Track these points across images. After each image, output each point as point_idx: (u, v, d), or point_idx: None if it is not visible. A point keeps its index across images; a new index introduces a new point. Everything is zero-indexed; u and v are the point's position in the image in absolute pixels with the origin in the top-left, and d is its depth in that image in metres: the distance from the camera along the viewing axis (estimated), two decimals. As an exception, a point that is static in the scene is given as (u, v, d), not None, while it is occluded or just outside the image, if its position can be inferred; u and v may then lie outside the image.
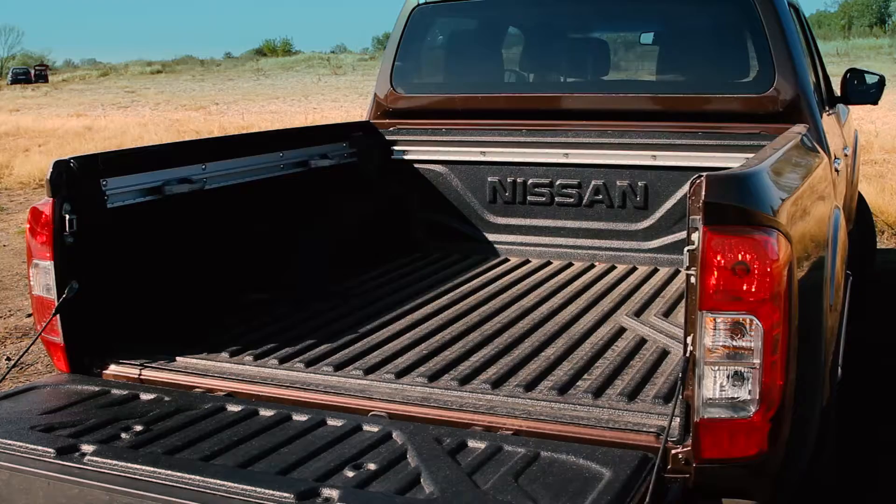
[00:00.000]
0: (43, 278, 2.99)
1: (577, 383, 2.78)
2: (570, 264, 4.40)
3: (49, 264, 2.95)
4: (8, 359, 5.74)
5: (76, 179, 3.00)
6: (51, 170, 2.95)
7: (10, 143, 20.79)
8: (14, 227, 10.81)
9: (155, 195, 3.33)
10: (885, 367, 5.32)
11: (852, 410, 4.27)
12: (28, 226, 3.02)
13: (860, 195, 6.34)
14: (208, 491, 2.16)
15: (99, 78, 61.77)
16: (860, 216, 6.10)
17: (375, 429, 2.49)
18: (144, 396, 2.77)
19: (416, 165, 4.74)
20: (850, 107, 5.89)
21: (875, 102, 5.28)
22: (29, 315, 6.77)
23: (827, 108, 4.66)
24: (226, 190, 3.69)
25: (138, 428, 2.51)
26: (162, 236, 3.40)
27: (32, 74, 64.68)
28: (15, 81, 61.48)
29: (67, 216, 2.95)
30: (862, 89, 5.22)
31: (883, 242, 8.62)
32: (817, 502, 2.80)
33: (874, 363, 5.36)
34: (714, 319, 2.22)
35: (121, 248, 3.20)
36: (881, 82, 5.26)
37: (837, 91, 5.29)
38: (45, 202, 2.97)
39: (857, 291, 4.93)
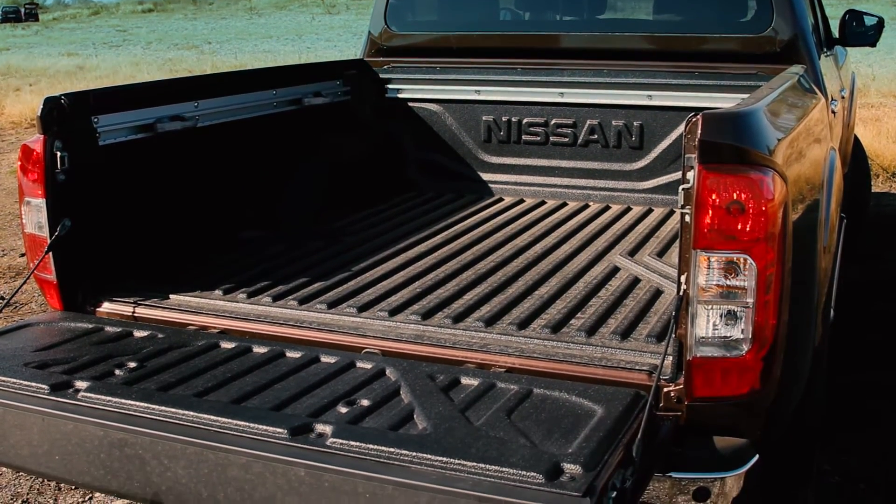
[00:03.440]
0: (35, 216, 2.96)
1: (571, 322, 2.79)
2: (565, 204, 4.39)
3: (41, 202, 2.93)
4: (1, 297, 5.74)
5: (67, 116, 2.96)
6: (42, 106, 2.91)
7: (1, 82, 20.60)
8: (6, 166, 10.74)
9: (147, 132, 3.30)
10: (877, 311, 5.34)
11: (843, 353, 4.30)
12: (19, 164, 2.99)
13: (856, 138, 6.32)
14: (202, 426, 2.17)
15: (90, 17, 61.02)
16: (855, 159, 6.09)
17: (369, 366, 2.50)
18: (138, 333, 2.77)
19: (410, 104, 4.71)
20: (848, 49, 5.84)
21: (873, 45, 5.24)
22: (22, 255, 6.76)
23: (825, 50, 4.62)
24: (218, 127, 3.66)
25: (132, 365, 2.52)
26: (154, 174, 3.37)
27: (22, 13, 63.87)
28: (4, 20, 60.72)
29: (59, 153, 2.92)
30: (860, 31, 5.18)
31: (877, 186, 8.61)
32: (804, 443, 2.82)
33: (866, 306, 5.39)
34: (708, 258, 2.21)
35: (113, 186, 3.18)
36: (880, 24, 5.21)
37: (836, 33, 5.24)
38: (36, 139, 2.93)
39: (851, 234, 4.93)
